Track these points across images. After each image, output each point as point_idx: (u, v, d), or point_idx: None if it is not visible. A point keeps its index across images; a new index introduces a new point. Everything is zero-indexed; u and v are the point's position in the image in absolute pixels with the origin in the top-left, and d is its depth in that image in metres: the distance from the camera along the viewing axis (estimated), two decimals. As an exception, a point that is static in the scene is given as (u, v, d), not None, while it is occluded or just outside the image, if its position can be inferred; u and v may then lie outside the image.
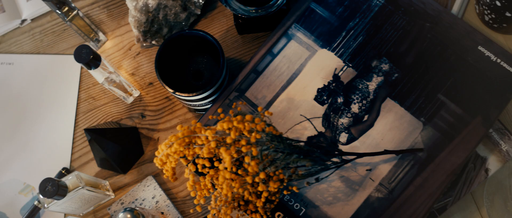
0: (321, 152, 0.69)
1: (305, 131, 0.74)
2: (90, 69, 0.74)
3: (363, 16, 0.77)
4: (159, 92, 0.84)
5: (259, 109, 0.68)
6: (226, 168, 0.63)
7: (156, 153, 0.68)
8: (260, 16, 0.79)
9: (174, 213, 0.79)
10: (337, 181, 0.72)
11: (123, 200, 0.80)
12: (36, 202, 0.81)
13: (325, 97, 0.75)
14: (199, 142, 0.65)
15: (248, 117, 0.64)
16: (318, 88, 0.75)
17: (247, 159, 0.64)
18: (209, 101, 0.76)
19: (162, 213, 0.80)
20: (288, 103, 0.75)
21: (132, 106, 0.84)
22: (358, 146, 0.73)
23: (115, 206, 0.80)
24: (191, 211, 0.70)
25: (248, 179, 0.64)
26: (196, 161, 0.67)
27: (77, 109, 0.85)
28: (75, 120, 0.85)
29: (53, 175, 0.83)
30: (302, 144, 0.73)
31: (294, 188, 0.68)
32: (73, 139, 0.84)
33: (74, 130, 0.84)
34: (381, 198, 0.71)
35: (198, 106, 0.78)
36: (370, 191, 0.72)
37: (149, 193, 0.80)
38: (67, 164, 0.83)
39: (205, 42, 0.76)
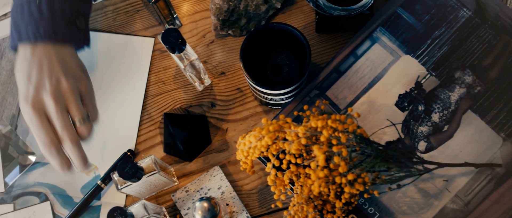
0: (405, 159, 0.68)
1: (384, 135, 0.74)
2: (174, 53, 0.73)
3: (449, 26, 0.76)
4: (231, 82, 0.83)
5: (349, 110, 0.67)
6: (318, 166, 0.63)
7: (241, 145, 0.67)
8: (340, 16, 0.79)
9: (239, 205, 0.79)
10: (413, 189, 0.72)
11: (188, 188, 0.80)
12: (99, 182, 0.80)
13: (406, 104, 0.74)
14: (288, 138, 0.64)
15: (339, 117, 0.64)
16: (400, 94, 0.75)
17: (336, 159, 0.63)
18: (288, 97, 0.76)
19: (227, 204, 0.79)
20: (368, 106, 0.75)
21: (202, 94, 0.83)
22: (436, 155, 0.73)
23: (180, 193, 0.80)
24: (272, 206, 0.69)
25: (338, 179, 0.63)
26: (281, 156, 0.67)
27: (146, 91, 0.84)
28: (143, 102, 0.84)
29: (117, 156, 0.82)
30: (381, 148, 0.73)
31: (375, 192, 0.67)
32: (140, 121, 0.83)
33: (142, 113, 0.83)
34: (456, 209, 0.71)
35: (274, 100, 0.77)
36: (446, 202, 0.71)
37: (215, 183, 0.80)
38: (132, 147, 0.82)
39: (288, 37, 0.75)
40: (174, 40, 0.71)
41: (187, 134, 0.79)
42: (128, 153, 0.81)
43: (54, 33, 0.68)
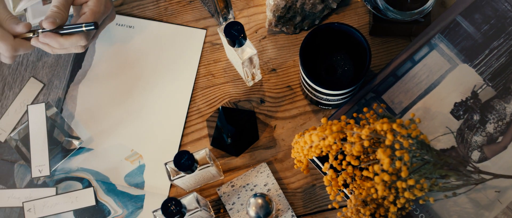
0: (462, 167, 0.68)
1: (438, 142, 0.74)
2: (234, 46, 0.72)
3: (508, 37, 0.76)
4: (281, 80, 0.83)
5: (411, 115, 0.67)
6: (383, 170, 0.63)
7: (299, 143, 0.67)
8: (396, 20, 0.79)
9: (284, 203, 0.78)
10: (465, 198, 0.72)
11: (233, 183, 0.79)
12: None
13: (461, 113, 0.74)
14: (350, 139, 0.64)
15: (402, 122, 0.64)
16: (456, 103, 0.74)
17: (398, 164, 0.63)
18: (342, 98, 0.75)
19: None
20: (423, 113, 0.74)
21: (252, 90, 0.83)
22: (489, 165, 0.73)
23: (225, 187, 0.79)
24: (328, 206, 0.69)
25: (399, 184, 0.63)
26: (339, 157, 0.66)
27: (195, 83, 0.84)
28: (192, 94, 0.83)
29: (162, 145, 0.81)
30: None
31: (431, 199, 0.67)
32: (187, 113, 0.83)
33: (189, 104, 0.83)
34: (507, 221, 0.71)
35: (327, 101, 0.77)
36: (497, 213, 0.71)
37: (261, 179, 0.79)
38: (177, 138, 0.82)
39: (346, 38, 0.75)
40: (236, 34, 0.70)
41: (236, 128, 0.79)
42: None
43: None
